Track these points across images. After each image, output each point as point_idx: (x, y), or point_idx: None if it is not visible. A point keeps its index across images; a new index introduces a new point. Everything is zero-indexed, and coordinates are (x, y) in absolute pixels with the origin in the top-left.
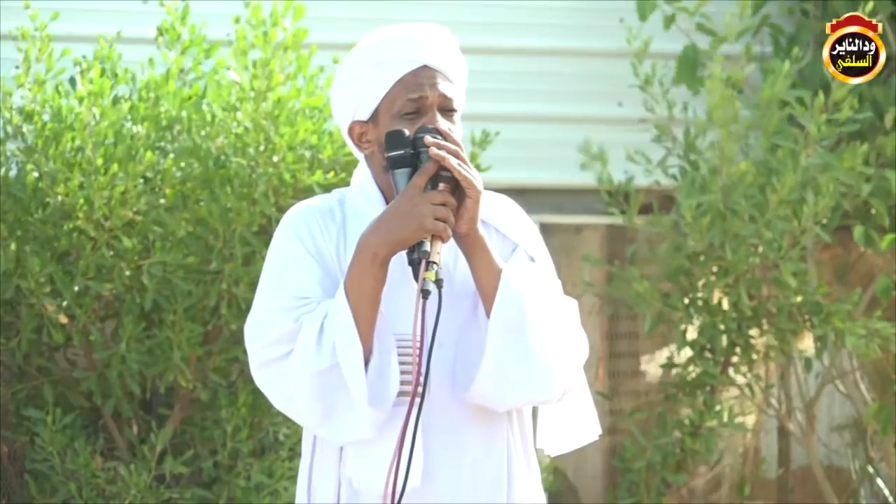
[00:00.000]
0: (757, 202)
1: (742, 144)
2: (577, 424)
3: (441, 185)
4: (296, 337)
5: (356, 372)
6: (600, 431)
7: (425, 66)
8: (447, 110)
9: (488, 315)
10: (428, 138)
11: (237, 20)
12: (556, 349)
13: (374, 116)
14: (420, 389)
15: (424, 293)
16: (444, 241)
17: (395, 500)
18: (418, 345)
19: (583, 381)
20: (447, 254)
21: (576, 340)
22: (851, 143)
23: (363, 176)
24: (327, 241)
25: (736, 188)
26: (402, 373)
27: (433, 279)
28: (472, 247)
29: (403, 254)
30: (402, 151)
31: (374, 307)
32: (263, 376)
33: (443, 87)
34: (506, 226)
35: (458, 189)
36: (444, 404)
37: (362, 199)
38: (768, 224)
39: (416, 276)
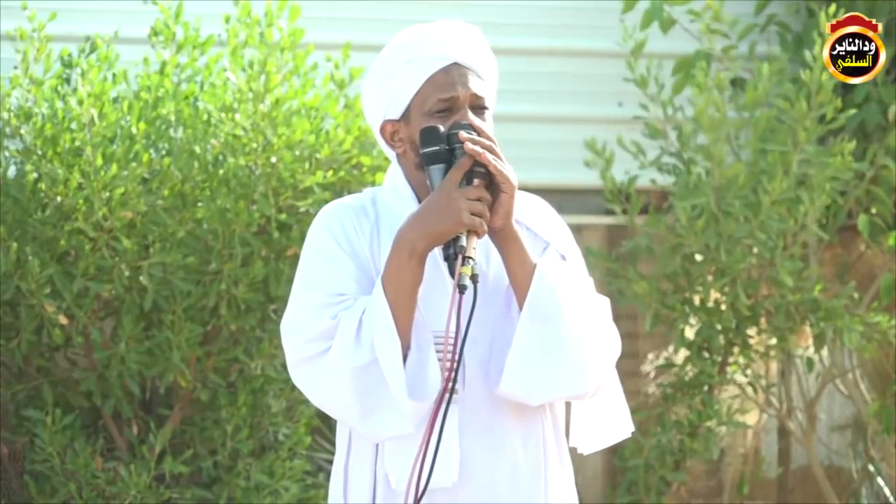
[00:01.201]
0: (750, 203)
1: (733, 146)
2: (609, 422)
3: (476, 181)
4: (334, 333)
5: (395, 367)
6: (633, 429)
7: (456, 64)
8: (478, 108)
9: (521, 309)
10: (462, 134)
11: (227, 19)
12: (589, 344)
13: (406, 115)
14: (450, 385)
15: (461, 288)
16: (479, 236)
17: (419, 495)
18: (452, 340)
19: (615, 379)
20: (479, 251)
21: (608, 337)
22: (840, 138)
23: (395, 174)
24: (361, 239)
25: (728, 190)
26: (445, 368)
27: (469, 274)
28: (506, 241)
29: (437, 252)
30: (436, 147)
31: (412, 302)
32: (301, 373)
33: (473, 84)
34: (537, 225)
35: (492, 184)
36: (481, 400)
37: (395, 197)
38: (762, 225)
39: (451, 272)
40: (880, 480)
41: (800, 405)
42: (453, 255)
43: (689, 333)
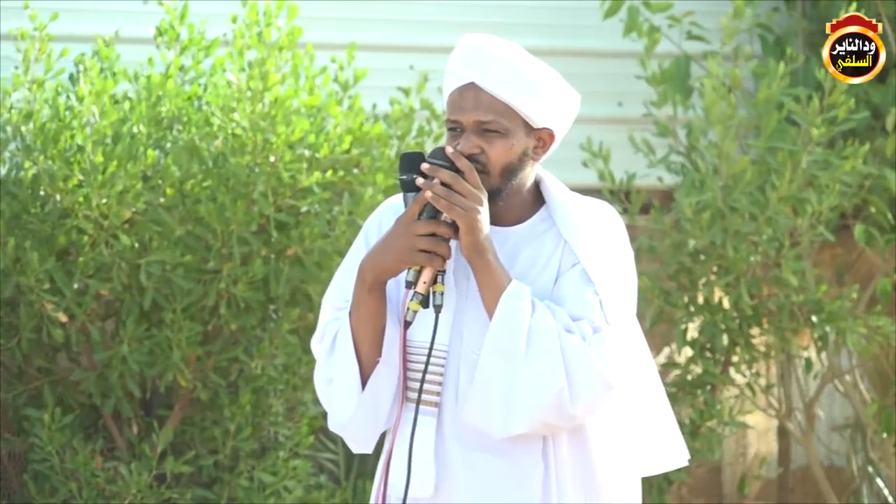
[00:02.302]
0: (757, 200)
1: (741, 144)
2: (655, 447)
3: (444, 214)
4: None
5: (347, 394)
6: (689, 456)
7: (472, 85)
8: (486, 131)
9: None
10: (424, 165)
11: (234, 20)
12: (550, 382)
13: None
14: (418, 406)
15: (406, 323)
16: (438, 268)
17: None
18: (405, 368)
19: (655, 406)
20: (458, 270)
21: (586, 375)
22: (850, 141)
23: None
24: None
25: (736, 186)
26: (428, 382)
27: (415, 309)
28: (475, 270)
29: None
30: (406, 176)
31: (373, 330)
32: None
33: (476, 112)
34: (576, 240)
35: None
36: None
37: None
38: (769, 221)
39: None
40: (879, 481)
41: (799, 405)
42: (406, 288)
43: (692, 332)
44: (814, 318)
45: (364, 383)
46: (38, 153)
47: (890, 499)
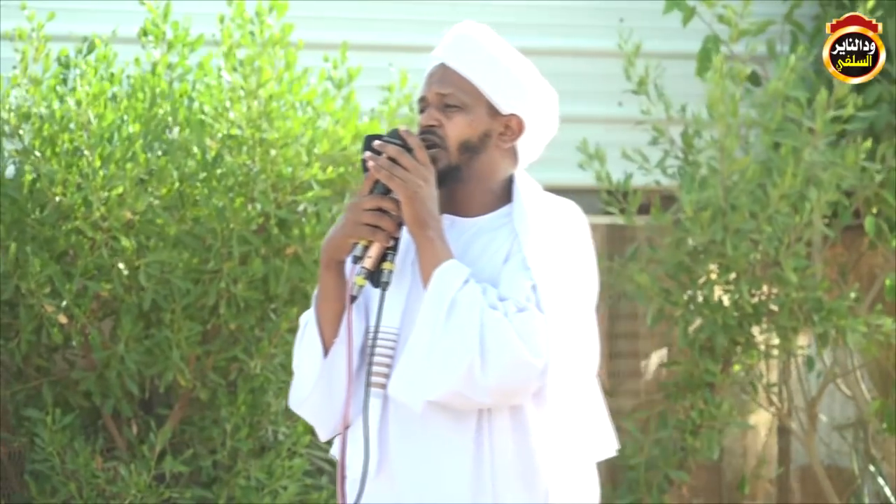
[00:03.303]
0: (758, 198)
1: (742, 142)
2: (585, 437)
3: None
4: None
5: (308, 376)
6: (618, 446)
7: (442, 65)
8: (446, 106)
9: None
10: (376, 142)
11: (222, 19)
12: (467, 358)
13: None
14: (368, 385)
15: (352, 298)
16: (383, 243)
17: (344, 484)
18: (351, 345)
19: (590, 395)
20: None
21: (501, 347)
22: (853, 138)
23: None
24: None
25: (737, 184)
26: (377, 364)
27: (360, 284)
28: (416, 245)
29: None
30: (362, 156)
31: (333, 310)
32: None
33: (439, 85)
34: (524, 231)
35: None
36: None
37: None
38: (769, 219)
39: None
40: (881, 480)
41: (801, 404)
42: (353, 263)
43: (692, 331)
44: (814, 317)
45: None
46: (38, 158)
47: (891, 498)
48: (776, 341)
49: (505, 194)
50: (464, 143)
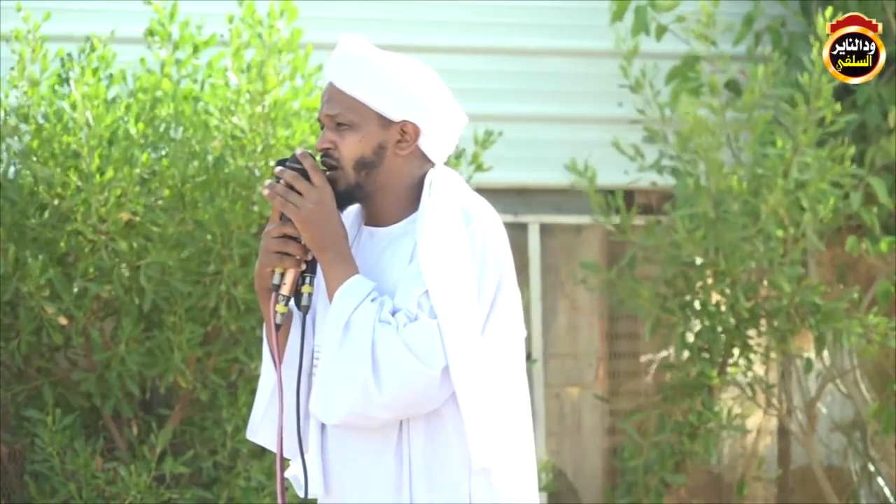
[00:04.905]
0: (750, 208)
1: (733, 148)
2: (488, 439)
3: None
4: None
5: (260, 396)
6: (485, 464)
7: (331, 83)
8: (338, 125)
9: None
10: (277, 168)
11: (231, 19)
12: (352, 373)
13: None
14: (295, 407)
15: (276, 326)
16: (295, 268)
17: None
18: (280, 372)
19: (490, 398)
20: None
21: (392, 363)
22: (840, 140)
23: None
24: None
25: (727, 195)
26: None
27: (281, 311)
28: (321, 266)
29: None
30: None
31: (274, 334)
32: None
33: (328, 106)
34: (421, 236)
35: None
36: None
37: None
38: (760, 232)
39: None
40: (880, 480)
41: (800, 405)
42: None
43: (689, 336)
44: (810, 320)
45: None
46: (36, 159)
47: (890, 499)
48: (773, 344)
49: (418, 198)
50: (359, 161)
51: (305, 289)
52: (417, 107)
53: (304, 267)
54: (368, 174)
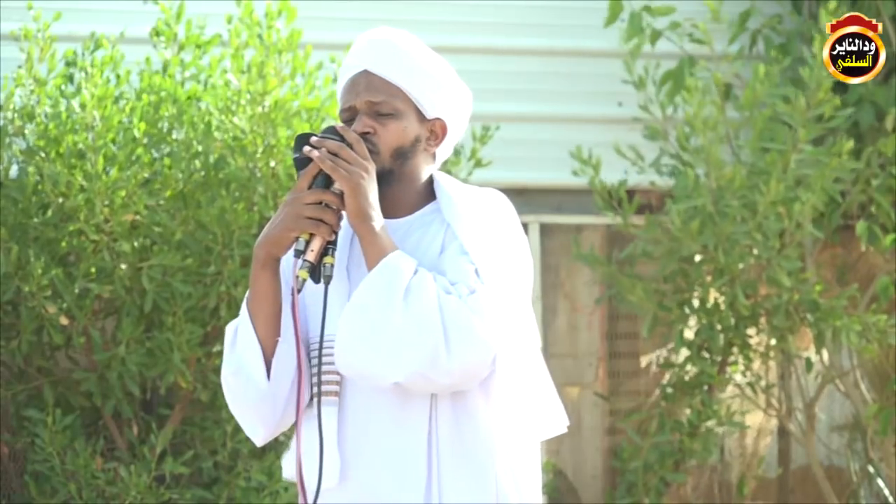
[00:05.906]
0: (748, 202)
1: (732, 145)
2: (536, 415)
3: (336, 185)
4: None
5: (252, 374)
6: (568, 423)
7: (365, 72)
8: (377, 114)
9: None
10: (313, 139)
11: (230, 20)
12: (424, 335)
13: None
14: (316, 388)
15: (297, 291)
16: (325, 237)
17: (307, 495)
18: (294, 342)
19: (538, 373)
20: (342, 248)
21: (463, 329)
22: (837, 136)
23: None
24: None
25: (726, 190)
26: (327, 372)
27: (303, 277)
28: (360, 239)
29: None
30: (299, 154)
31: (271, 309)
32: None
33: (368, 93)
34: (456, 220)
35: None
36: (360, 400)
37: None
38: (759, 226)
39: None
40: (880, 481)
41: (799, 405)
42: (295, 257)
43: (689, 334)
44: (809, 317)
45: (268, 364)
46: (41, 158)
47: (890, 499)
48: (773, 342)
49: (427, 193)
50: (397, 150)
51: (329, 259)
52: (449, 107)
53: (333, 237)
54: (402, 164)
